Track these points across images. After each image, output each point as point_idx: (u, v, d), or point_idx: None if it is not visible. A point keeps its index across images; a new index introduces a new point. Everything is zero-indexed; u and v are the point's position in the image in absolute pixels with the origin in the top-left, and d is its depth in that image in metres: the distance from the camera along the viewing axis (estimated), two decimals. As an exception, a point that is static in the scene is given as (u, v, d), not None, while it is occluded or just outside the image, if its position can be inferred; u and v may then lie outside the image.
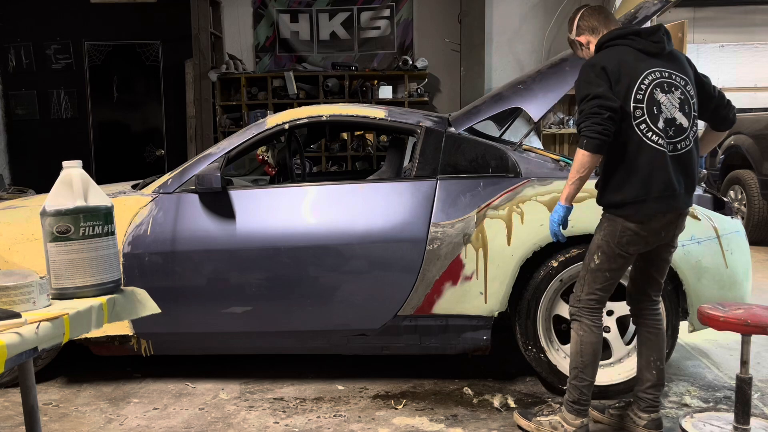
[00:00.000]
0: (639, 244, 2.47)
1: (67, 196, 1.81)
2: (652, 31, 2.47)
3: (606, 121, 2.32)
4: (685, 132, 2.44)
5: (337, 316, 3.09)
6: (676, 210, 2.45)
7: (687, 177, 2.45)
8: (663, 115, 2.40)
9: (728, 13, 9.33)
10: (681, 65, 2.50)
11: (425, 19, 7.93)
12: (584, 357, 2.56)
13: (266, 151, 3.83)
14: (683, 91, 2.45)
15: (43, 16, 8.17)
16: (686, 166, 2.44)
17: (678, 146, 2.42)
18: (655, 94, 2.40)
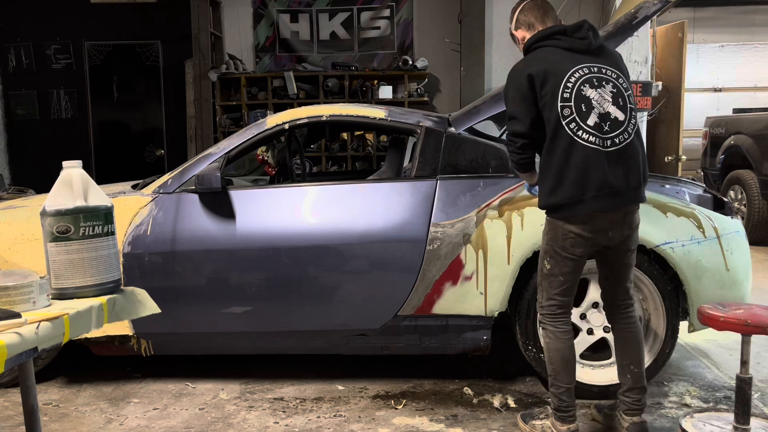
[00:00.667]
0: (584, 246, 2.42)
1: (67, 196, 1.81)
2: (577, 28, 2.45)
3: (519, 149, 2.46)
4: (622, 125, 2.40)
5: (337, 316, 3.09)
6: (618, 207, 2.39)
7: (630, 171, 2.38)
8: (595, 111, 2.36)
9: (728, 13, 9.32)
10: (612, 59, 2.47)
11: (425, 19, 7.93)
12: (554, 364, 2.52)
13: (266, 151, 3.83)
14: (615, 84, 2.41)
15: (43, 16, 8.17)
16: (628, 160, 2.38)
17: (616, 140, 2.38)
18: (584, 91, 2.37)
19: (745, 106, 8.31)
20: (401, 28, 7.95)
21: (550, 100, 2.37)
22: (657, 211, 2.96)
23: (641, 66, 6.79)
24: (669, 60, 7.28)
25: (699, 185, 3.42)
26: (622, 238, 2.46)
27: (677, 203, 3.03)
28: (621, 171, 2.37)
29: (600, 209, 2.36)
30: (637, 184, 2.41)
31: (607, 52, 2.49)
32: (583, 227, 2.39)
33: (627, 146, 2.39)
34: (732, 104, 8.89)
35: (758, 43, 9.41)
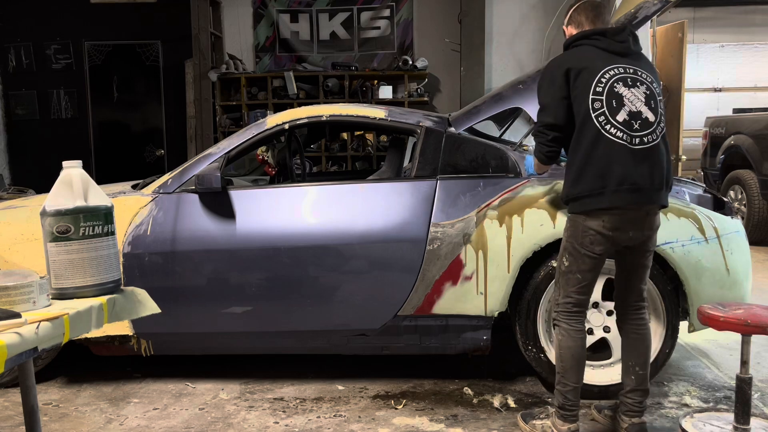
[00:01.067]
0: (604, 244, 2.43)
1: (67, 196, 1.81)
2: (618, 31, 2.49)
3: (550, 142, 2.49)
4: (652, 126, 2.40)
5: (337, 316, 3.09)
6: (639, 205, 2.39)
7: (654, 171, 2.39)
8: (626, 108, 2.38)
9: (728, 13, 9.33)
10: (648, 65, 2.51)
11: (425, 19, 7.93)
12: (564, 362, 2.53)
13: (266, 151, 3.83)
14: (649, 87, 2.44)
15: (43, 16, 8.17)
16: (654, 160, 2.39)
17: (645, 140, 2.38)
18: (616, 88, 2.39)
19: (745, 106, 8.31)
20: (401, 28, 7.95)
21: (582, 93, 2.39)
22: (657, 211, 2.96)
23: (641, 66, 6.79)
24: (669, 60, 7.28)
25: (699, 185, 3.43)
26: (642, 239, 2.47)
27: (677, 203, 3.03)
28: (646, 169, 2.37)
29: (620, 204, 2.36)
30: (660, 186, 2.41)
31: (644, 58, 2.51)
32: (603, 224, 2.39)
33: (654, 147, 2.40)
34: (732, 104, 8.90)
35: (758, 43, 9.41)
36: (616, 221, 2.40)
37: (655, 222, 2.49)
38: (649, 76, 2.46)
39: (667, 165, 2.45)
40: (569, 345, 2.52)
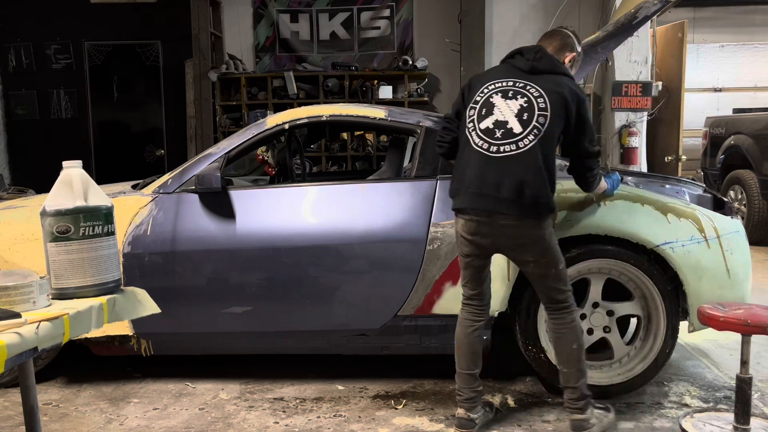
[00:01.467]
0: (469, 247, 2.56)
1: (67, 196, 1.81)
2: (530, 50, 2.59)
3: (442, 131, 2.72)
4: (515, 137, 2.45)
5: (337, 316, 3.09)
6: (487, 213, 2.45)
7: (505, 180, 2.42)
8: (493, 117, 2.50)
9: (728, 13, 9.32)
10: (551, 83, 2.49)
11: (425, 19, 7.94)
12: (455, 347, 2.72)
13: (266, 151, 3.83)
14: (530, 100, 2.46)
15: (43, 16, 8.17)
16: (508, 169, 2.43)
17: (503, 149, 2.46)
18: (493, 98, 2.52)
19: (745, 106, 8.31)
20: (401, 28, 7.96)
21: (467, 102, 2.62)
22: (657, 211, 2.96)
23: (641, 66, 6.80)
24: (669, 60, 7.29)
25: (699, 185, 3.42)
26: (510, 249, 2.53)
27: (677, 203, 3.03)
28: (494, 177, 2.45)
29: (467, 206, 2.51)
30: (509, 196, 2.42)
31: (549, 78, 2.51)
32: (462, 227, 2.56)
33: (512, 157, 2.45)
34: (732, 104, 8.89)
35: (758, 43, 9.40)
36: (472, 226, 2.52)
37: (517, 234, 2.47)
38: (538, 92, 2.47)
39: (531, 176, 2.42)
40: (456, 331, 2.70)
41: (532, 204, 2.42)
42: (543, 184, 2.43)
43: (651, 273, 2.92)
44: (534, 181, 2.42)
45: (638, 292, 2.98)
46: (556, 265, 2.53)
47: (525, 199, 2.41)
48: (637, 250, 2.92)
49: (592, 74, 7.17)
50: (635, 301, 3.00)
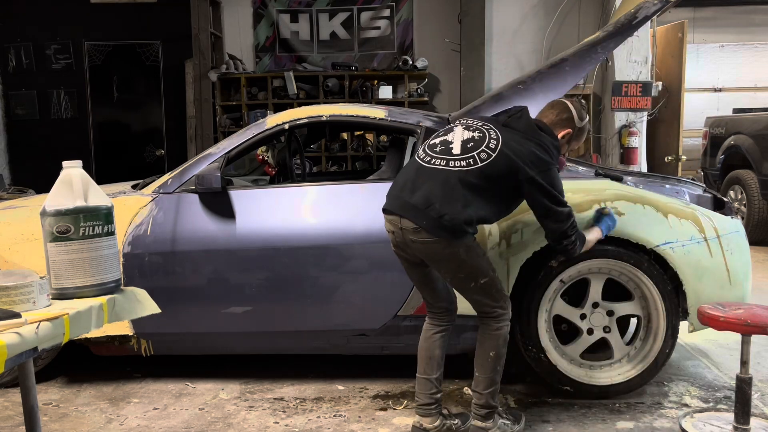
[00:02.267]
0: (397, 250, 2.59)
1: (67, 196, 1.82)
2: (513, 110, 2.66)
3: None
4: (451, 156, 2.47)
5: (337, 316, 3.09)
6: (396, 214, 2.48)
7: (423, 189, 2.43)
8: (443, 138, 2.58)
9: (728, 13, 9.32)
10: (515, 138, 2.48)
11: (425, 19, 7.93)
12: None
13: (266, 151, 3.83)
14: (483, 137, 2.49)
15: (43, 16, 8.17)
16: (432, 181, 2.43)
17: (435, 161, 2.49)
18: (455, 128, 2.60)
19: (745, 106, 8.31)
20: (401, 28, 7.95)
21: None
22: (657, 211, 2.96)
23: (641, 66, 6.79)
24: (669, 60, 7.29)
25: (699, 185, 3.42)
26: (428, 261, 2.51)
27: (677, 203, 3.03)
28: (413, 184, 2.48)
29: (385, 206, 2.57)
30: (419, 205, 2.41)
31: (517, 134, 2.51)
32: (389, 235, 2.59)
33: (441, 171, 2.46)
34: (732, 104, 8.89)
35: (758, 43, 9.40)
36: (389, 227, 2.55)
37: (429, 251, 2.44)
38: (496, 137, 2.48)
39: (444, 193, 2.40)
40: (420, 337, 2.70)
41: (437, 218, 2.38)
42: (452, 206, 2.39)
43: (651, 273, 2.92)
44: (445, 198, 2.40)
45: (638, 292, 2.98)
46: (476, 279, 2.47)
47: (431, 211, 2.39)
48: (637, 250, 2.92)
49: (592, 74, 7.16)
50: (635, 301, 3.00)
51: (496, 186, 2.45)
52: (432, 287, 2.65)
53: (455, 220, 2.38)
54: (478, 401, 2.59)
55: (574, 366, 3.02)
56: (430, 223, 2.39)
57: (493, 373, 2.57)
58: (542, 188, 2.44)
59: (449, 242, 2.41)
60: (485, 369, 2.57)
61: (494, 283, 2.52)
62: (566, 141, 2.63)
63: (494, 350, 2.55)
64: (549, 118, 2.63)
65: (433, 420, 2.63)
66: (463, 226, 2.39)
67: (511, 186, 2.46)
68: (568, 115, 2.62)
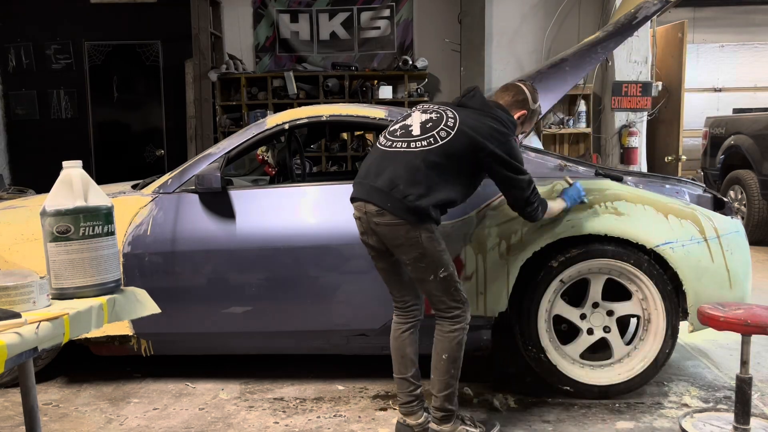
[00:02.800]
0: (367, 247, 2.59)
1: (67, 196, 1.82)
2: (466, 90, 2.68)
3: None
4: (410, 137, 2.50)
5: (337, 316, 3.09)
6: (361, 200, 2.50)
7: (386, 172, 2.45)
8: (402, 123, 2.60)
9: (728, 13, 9.32)
10: (471, 116, 2.51)
11: (425, 19, 7.93)
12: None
13: (266, 151, 3.83)
14: (441, 117, 2.52)
15: (43, 16, 8.17)
16: (391, 163, 2.47)
17: (397, 144, 2.51)
18: (413, 112, 2.64)
19: (745, 106, 8.31)
20: (401, 28, 7.95)
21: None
22: (657, 211, 2.96)
23: (641, 66, 6.79)
24: (669, 60, 7.28)
25: (699, 185, 3.42)
26: (391, 247, 2.50)
27: (677, 203, 3.03)
28: (379, 168, 2.49)
29: (352, 195, 2.58)
30: (382, 186, 2.44)
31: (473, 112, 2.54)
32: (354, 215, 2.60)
33: (400, 153, 2.48)
34: (732, 104, 8.89)
35: (758, 43, 9.40)
36: (355, 214, 2.57)
37: (393, 233, 2.44)
38: (453, 116, 2.51)
39: (407, 174, 2.42)
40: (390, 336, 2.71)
41: (401, 199, 2.40)
42: (417, 187, 2.40)
43: (651, 273, 2.93)
44: (408, 179, 2.42)
45: (638, 292, 2.98)
46: (436, 270, 2.46)
47: (395, 192, 2.41)
48: (637, 250, 2.92)
49: (592, 74, 7.16)
50: (635, 301, 3.00)
51: (458, 163, 2.47)
52: (398, 279, 2.65)
53: (419, 202, 2.40)
54: (434, 404, 2.59)
55: (574, 366, 3.02)
56: (395, 204, 2.41)
57: (447, 376, 2.54)
58: (502, 160, 2.48)
59: (412, 225, 2.42)
60: (439, 372, 2.55)
61: (453, 279, 2.51)
62: (520, 122, 2.70)
63: (447, 353, 2.53)
64: (504, 99, 2.68)
65: (417, 417, 2.64)
66: (428, 208, 2.41)
67: (473, 162, 2.49)
68: (523, 96, 2.69)
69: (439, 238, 2.49)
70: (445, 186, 2.46)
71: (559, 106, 7.43)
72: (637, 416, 2.85)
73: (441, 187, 2.44)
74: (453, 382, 2.55)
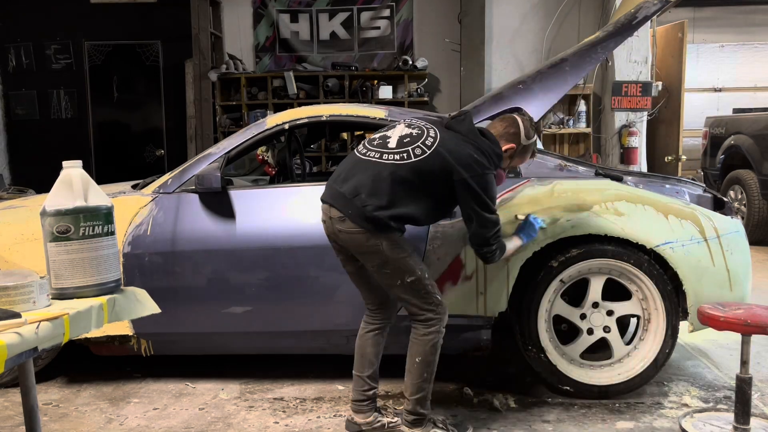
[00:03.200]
0: (327, 236, 2.57)
1: (67, 196, 1.82)
2: (457, 113, 2.65)
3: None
4: (385, 149, 2.48)
5: (337, 316, 3.09)
6: (326, 200, 2.51)
7: (355, 179, 2.44)
8: (385, 133, 2.57)
9: (728, 13, 9.32)
10: (453, 140, 2.47)
11: (425, 19, 7.93)
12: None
13: (266, 151, 3.83)
14: (421, 134, 2.48)
15: (43, 16, 8.17)
16: (360, 171, 2.45)
17: (370, 154, 2.49)
18: (398, 124, 2.61)
19: (745, 106, 8.31)
20: (401, 28, 7.95)
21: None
22: (657, 211, 2.96)
23: (641, 66, 6.79)
24: (669, 60, 7.29)
25: (699, 185, 3.42)
26: (345, 244, 2.50)
27: (677, 203, 3.03)
28: (348, 175, 2.48)
29: (321, 197, 2.56)
30: (348, 194, 2.43)
31: (456, 136, 2.49)
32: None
33: (371, 162, 2.47)
34: (732, 104, 8.89)
35: (758, 43, 9.41)
36: (322, 217, 2.55)
37: (354, 242, 2.44)
38: (434, 135, 2.47)
39: (372, 184, 2.41)
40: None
41: (361, 208, 2.39)
42: (377, 198, 2.39)
43: (651, 273, 2.93)
44: (371, 189, 2.40)
45: (638, 292, 2.98)
46: (402, 276, 2.44)
47: (357, 201, 2.40)
48: (637, 250, 2.92)
49: (592, 74, 7.16)
50: (635, 301, 3.00)
51: (429, 184, 2.43)
52: (366, 282, 2.65)
53: (377, 213, 2.38)
54: (406, 406, 2.59)
55: (574, 366, 3.02)
56: (355, 212, 2.40)
57: (420, 379, 2.53)
58: (473, 192, 2.41)
59: (371, 233, 2.41)
60: (412, 374, 2.54)
61: (422, 283, 2.47)
62: (509, 156, 2.60)
63: (420, 356, 2.52)
64: (497, 129, 2.60)
65: (365, 416, 2.67)
66: (386, 220, 2.39)
67: (445, 186, 2.43)
68: (515, 130, 2.58)
69: (403, 245, 2.46)
70: (410, 203, 2.42)
71: (559, 106, 7.42)
72: (637, 416, 2.85)
73: (405, 203, 2.41)
74: (425, 386, 2.54)
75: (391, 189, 2.40)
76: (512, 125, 2.60)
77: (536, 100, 3.17)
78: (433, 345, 2.51)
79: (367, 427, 2.67)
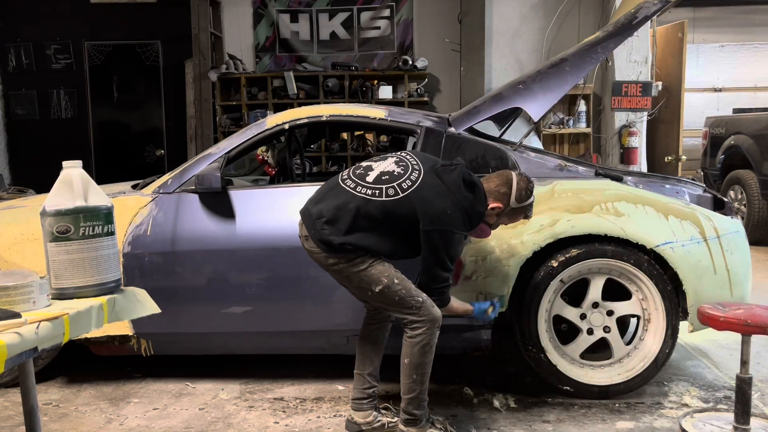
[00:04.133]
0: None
1: (67, 196, 1.82)
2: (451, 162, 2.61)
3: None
4: (362, 181, 2.49)
5: (337, 316, 3.09)
6: (301, 218, 2.56)
7: (325, 205, 2.47)
8: (371, 164, 2.58)
9: (728, 13, 9.32)
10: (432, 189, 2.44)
11: (425, 19, 7.93)
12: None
13: (266, 151, 3.83)
14: (403, 175, 2.47)
15: (43, 16, 8.17)
16: (338, 199, 2.46)
17: (348, 183, 2.51)
18: (390, 156, 2.60)
19: (745, 106, 8.31)
20: (401, 28, 7.95)
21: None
22: (657, 211, 2.96)
23: (641, 66, 6.79)
24: (669, 60, 7.29)
25: (699, 185, 3.42)
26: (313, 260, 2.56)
27: (677, 203, 3.03)
28: (322, 197, 2.52)
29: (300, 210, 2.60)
30: (314, 215, 2.48)
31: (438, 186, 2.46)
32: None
33: (345, 192, 2.48)
34: (732, 104, 8.89)
35: (758, 43, 9.41)
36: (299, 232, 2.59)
37: (320, 261, 2.51)
38: (416, 178, 2.45)
39: (336, 212, 2.43)
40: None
41: (320, 230, 2.44)
42: (337, 224, 2.42)
43: (651, 273, 2.93)
44: (333, 216, 2.43)
45: (638, 292, 2.98)
46: (370, 288, 2.45)
47: (317, 223, 2.46)
48: (637, 250, 2.92)
49: (592, 74, 7.16)
50: (635, 301, 3.00)
51: (394, 225, 2.43)
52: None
53: (331, 237, 2.42)
54: (401, 405, 2.60)
55: (574, 366, 3.02)
56: (315, 233, 2.46)
57: (410, 380, 2.53)
58: (434, 245, 2.40)
59: (328, 254, 2.46)
60: (403, 375, 2.56)
61: (392, 290, 2.44)
62: (495, 214, 2.57)
63: (408, 358, 2.51)
64: (489, 184, 2.57)
65: (365, 415, 2.68)
66: (339, 245, 2.42)
67: (413, 230, 2.42)
68: (506, 190, 2.54)
69: (363, 260, 2.45)
70: (373, 237, 2.43)
71: (559, 106, 7.42)
72: (637, 416, 2.85)
73: (365, 236, 2.42)
74: (416, 387, 2.53)
75: (353, 221, 2.42)
76: (505, 184, 2.55)
77: (536, 100, 3.17)
78: (422, 347, 2.48)
79: (366, 426, 2.68)
